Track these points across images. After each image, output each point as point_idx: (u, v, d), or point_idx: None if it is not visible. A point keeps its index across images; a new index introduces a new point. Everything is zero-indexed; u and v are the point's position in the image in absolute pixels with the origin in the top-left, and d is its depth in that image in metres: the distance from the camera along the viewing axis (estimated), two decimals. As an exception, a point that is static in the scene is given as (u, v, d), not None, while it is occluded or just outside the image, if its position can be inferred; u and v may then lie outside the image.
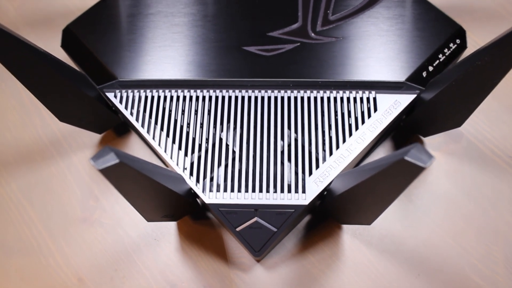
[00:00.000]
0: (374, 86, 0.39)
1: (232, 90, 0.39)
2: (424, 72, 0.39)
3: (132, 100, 0.39)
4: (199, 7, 0.42)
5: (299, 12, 0.42)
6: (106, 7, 0.43)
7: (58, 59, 0.35)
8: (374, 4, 0.42)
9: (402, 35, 0.41)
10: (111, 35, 0.41)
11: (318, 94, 0.39)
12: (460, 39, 0.41)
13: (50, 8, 0.51)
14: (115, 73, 0.40)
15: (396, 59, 0.39)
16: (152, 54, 0.40)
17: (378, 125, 0.38)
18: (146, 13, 0.42)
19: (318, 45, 0.40)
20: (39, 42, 0.49)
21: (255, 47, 0.40)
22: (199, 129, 0.38)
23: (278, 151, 0.37)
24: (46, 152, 0.44)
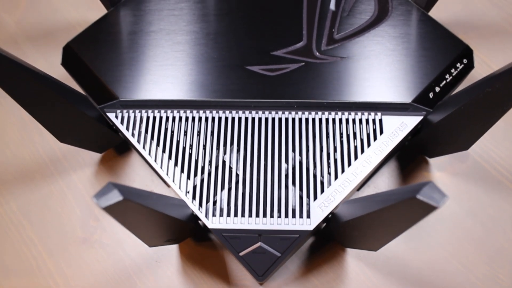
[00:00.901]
0: (380, 107, 0.38)
1: (236, 111, 0.38)
2: (430, 93, 0.39)
3: (134, 120, 0.38)
4: (201, 25, 0.42)
5: (303, 30, 0.41)
6: (107, 24, 0.42)
7: (57, 80, 0.35)
8: (380, 23, 0.41)
9: (408, 54, 0.40)
10: (112, 53, 0.41)
11: (323, 116, 0.38)
12: (467, 59, 0.40)
13: (51, 22, 0.50)
14: (116, 93, 0.39)
15: (402, 80, 0.39)
16: (154, 74, 0.40)
17: (384, 148, 0.37)
18: (148, 31, 0.41)
19: (323, 64, 0.39)
20: (39, 57, 0.48)
21: (258, 66, 0.39)
22: (201, 150, 0.38)
23: (282, 175, 0.37)
24: (46, 170, 0.44)
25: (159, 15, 0.42)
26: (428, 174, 0.42)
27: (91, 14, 0.47)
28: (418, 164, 0.43)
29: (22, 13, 0.51)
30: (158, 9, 0.43)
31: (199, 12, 0.42)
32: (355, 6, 0.42)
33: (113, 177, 0.43)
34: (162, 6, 0.43)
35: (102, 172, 0.43)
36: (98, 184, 0.43)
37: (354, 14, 0.42)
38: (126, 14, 0.42)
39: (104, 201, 0.23)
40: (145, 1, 0.43)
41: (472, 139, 0.36)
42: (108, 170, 0.43)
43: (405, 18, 0.42)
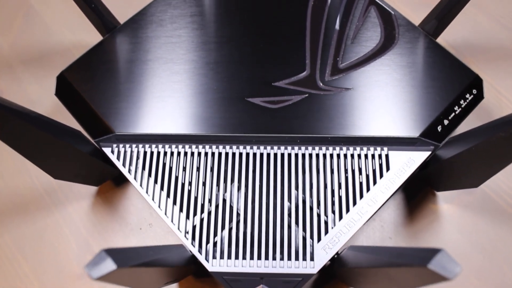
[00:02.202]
0: (386, 141, 0.37)
1: (236, 146, 0.37)
2: (439, 126, 0.37)
3: (130, 156, 0.37)
4: (200, 53, 0.40)
5: (306, 59, 0.39)
6: (102, 51, 0.41)
7: (49, 119, 0.33)
8: (386, 51, 0.40)
9: (415, 85, 0.38)
10: (108, 83, 0.39)
11: (327, 151, 0.37)
12: (477, 89, 0.39)
13: (45, 45, 0.49)
14: (112, 126, 0.37)
15: (409, 112, 0.37)
16: (151, 106, 0.38)
17: (390, 185, 0.36)
18: (144, 59, 0.40)
19: (327, 96, 0.38)
20: (33, 82, 0.47)
21: (260, 98, 0.38)
22: (201, 187, 0.36)
23: (285, 214, 0.35)
24: (41, 202, 0.42)
25: (156, 43, 0.41)
26: (435, 207, 0.41)
27: (86, 37, 0.45)
28: (425, 195, 0.41)
29: (16, 35, 0.49)
30: (155, 36, 0.41)
31: (198, 40, 0.41)
32: (361, 33, 0.41)
33: (109, 209, 0.42)
34: (159, 33, 0.41)
35: (99, 204, 0.42)
36: (95, 217, 0.42)
37: (359, 41, 0.40)
38: (122, 41, 0.41)
39: (97, 272, 0.22)
40: (141, 27, 0.41)
41: (482, 178, 0.35)
42: (105, 202, 0.42)
43: (413, 45, 0.40)
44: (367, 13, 0.42)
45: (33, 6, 0.51)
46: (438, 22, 0.40)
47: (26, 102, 0.46)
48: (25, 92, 0.46)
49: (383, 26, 0.41)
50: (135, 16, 0.42)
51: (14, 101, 0.45)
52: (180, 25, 0.41)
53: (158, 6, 0.42)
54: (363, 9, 0.42)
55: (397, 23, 0.41)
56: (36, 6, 0.50)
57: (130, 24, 0.42)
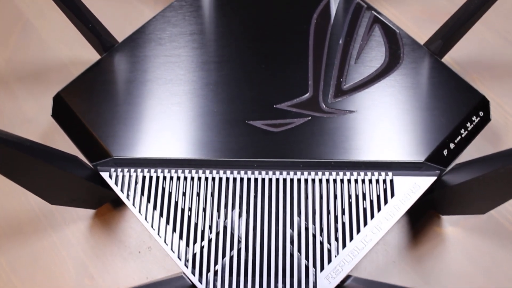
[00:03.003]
0: (391, 166, 0.36)
1: (237, 171, 0.36)
2: (445, 151, 0.36)
3: (129, 180, 0.36)
4: (200, 74, 0.39)
5: (309, 80, 0.38)
6: (100, 71, 0.40)
7: (44, 147, 0.33)
8: (391, 71, 0.39)
9: (421, 107, 0.37)
10: (106, 105, 0.38)
11: (331, 176, 0.36)
12: (484, 111, 0.38)
13: (42, 60, 0.48)
14: (110, 150, 0.37)
15: (414, 136, 0.36)
16: (150, 129, 0.37)
17: (395, 212, 0.35)
18: (143, 80, 0.39)
19: (330, 119, 0.37)
20: (30, 99, 0.46)
21: (261, 121, 0.37)
22: (201, 213, 0.35)
23: (287, 242, 0.34)
24: (38, 224, 0.41)
25: (155, 62, 0.40)
26: (440, 229, 0.40)
27: (84, 52, 0.44)
28: (430, 218, 0.41)
29: (12, 51, 0.48)
30: (154, 55, 0.40)
31: (198, 59, 0.40)
32: (365, 52, 0.40)
33: (108, 232, 0.41)
34: (158, 52, 0.40)
35: (97, 226, 0.41)
36: (92, 239, 0.41)
37: (363, 61, 0.39)
38: (120, 60, 0.40)
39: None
40: (139, 46, 0.40)
41: (490, 206, 0.34)
42: (103, 225, 0.41)
43: (418, 65, 0.39)
44: (371, 32, 0.41)
45: (30, 20, 0.50)
46: (444, 42, 0.39)
47: (22, 120, 0.45)
48: (21, 109, 0.45)
49: (388, 45, 0.40)
50: (133, 35, 0.41)
51: (10, 119, 0.45)
52: (180, 43, 0.40)
53: (157, 24, 0.41)
54: (367, 28, 0.41)
55: (402, 42, 0.40)
56: (33, 20, 0.49)
57: (128, 42, 0.41)
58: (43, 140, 0.44)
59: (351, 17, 0.41)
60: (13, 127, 0.44)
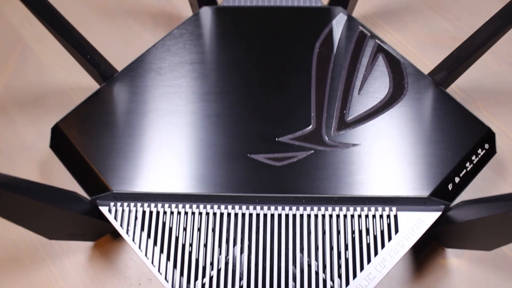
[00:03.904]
0: (395, 201, 0.35)
1: (239, 206, 0.35)
2: (450, 185, 0.36)
3: (128, 215, 0.35)
4: (201, 105, 0.38)
5: (312, 112, 0.38)
6: (98, 102, 0.39)
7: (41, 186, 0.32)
8: (395, 102, 0.38)
9: (425, 140, 0.37)
10: (105, 137, 0.37)
11: (334, 212, 0.35)
12: (489, 144, 0.37)
13: (40, 86, 0.47)
14: (109, 184, 0.36)
15: (419, 169, 0.36)
16: (150, 162, 0.36)
17: (399, 249, 0.34)
18: (142, 111, 0.38)
19: (333, 153, 0.36)
20: (28, 126, 0.45)
21: (263, 155, 0.36)
22: (202, 249, 0.35)
23: (289, 279, 0.34)
24: (36, 255, 0.41)
25: (154, 93, 0.39)
26: (445, 261, 0.40)
27: (82, 77, 0.43)
28: (434, 249, 0.40)
29: (11, 76, 0.48)
30: (154, 85, 0.39)
31: (199, 90, 0.39)
32: (368, 83, 0.39)
33: (107, 263, 0.40)
34: (158, 82, 0.39)
35: (96, 257, 0.41)
36: (92, 270, 0.40)
37: (367, 92, 0.39)
38: (119, 91, 0.39)
39: None
40: (139, 75, 0.40)
41: (496, 244, 0.33)
42: (102, 256, 0.41)
43: (422, 96, 0.39)
44: (375, 61, 0.40)
45: (28, 44, 0.49)
46: (449, 73, 0.38)
47: (20, 147, 0.44)
48: (19, 136, 0.45)
49: (392, 75, 0.39)
50: (132, 64, 0.40)
51: (8, 146, 0.44)
52: (180, 73, 0.40)
53: (157, 53, 0.41)
54: (371, 57, 0.40)
55: (406, 72, 0.40)
56: (31, 44, 0.49)
57: (127, 72, 0.40)
58: (41, 168, 0.43)
59: (355, 46, 0.41)
60: (11, 154, 0.44)
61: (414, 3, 0.50)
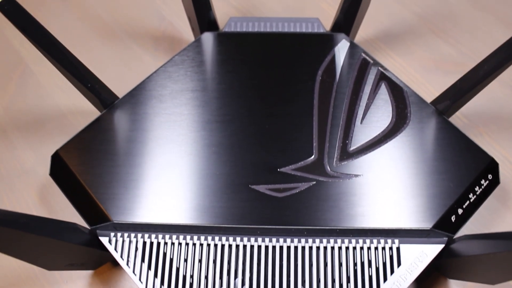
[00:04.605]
0: (397, 233, 0.35)
1: (240, 237, 0.35)
2: (453, 216, 0.35)
3: (129, 246, 0.35)
4: (203, 134, 0.38)
5: (314, 142, 0.38)
6: (99, 130, 0.39)
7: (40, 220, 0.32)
8: (398, 132, 0.38)
9: (428, 171, 0.37)
10: (105, 165, 0.37)
11: (336, 244, 0.35)
12: (493, 174, 0.37)
13: (41, 109, 0.47)
14: (109, 214, 0.36)
15: (422, 201, 0.35)
16: (150, 192, 0.36)
17: (402, 282, 0.34)
18: (143, 140, 0.38)
19: (335, 184, 0.36)
20: (28, 149, 0.45)
21: (265, 186, 0.36)
22: (203, 281, 0.34)
23: (291, 313, 0.33)
24: (36, 282, 0.40)
25: (155, 121, 0.39)
26: (447, 292, 0.39)
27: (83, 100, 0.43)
28: (436, 279, 0.40)
29: (11, 98, 0.47)
30: (155, 113, 0.39)
31: (200, 118, 0.39)
32: (371, 112, 0.39)
33: (107, 291, 0.40)
34: (159, 110, 0.39)
35: (96, 285, 0.40)
36: (91, 299, 0.40)
37: (369, 121, 0.38)
38: (119, 118, 0.39)
39: None
40: (140, 103, 0.40)
41: (501, 279, 0.33)
42: (102, 283, 0.40)
43: (425, 125, 0.38)
44: (378, 89, 0.40)
45: (29, 65, 0.49)
46: (452, 103, 0.38)
47: (20, 171, 0.44)
48: (19, 160, 0.44)
49: (395, 104, 0.39)
50: (133, 91, 0.40)
51: (7, 169, 0.44)
52: (181, 101, 0.40)
53: (158, 80, 0.41)
54: (373, 85, 0.40)
55: (409, 100, 0.39)
56: (32, 66, 0.49)
57: (128, 99, 0.40)
58: (41, 193, 0.43)
59: (357, 74, 0.40)
60: (11, 178, 0.44)
61: (416, 26, 0.50)
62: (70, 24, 0.52)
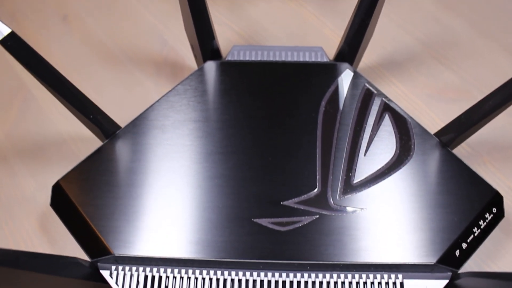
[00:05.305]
0: (401, 268, 0.35)
1: (242, 272, 0.35)
2: (457, 251, 0.35)
3: (130, 280, 0.35)
4: (205, 165, 0.38)
5: (317, 175, 0.37)
6: (100, 160, 0.38)
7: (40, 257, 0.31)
8: (402, 164, 0.38)
9: (432, 204, 0.36)
10: (107, 197, 0.37)
11: (339, 279, 0.34)
12: (497, 207, 0.37)
13: (42, 135, 0.46)
14: (110, 247, 0.35)
15: (426, 235, 0.35)
16: (152, 225, 0.36)
17: (405, 319, 0.34)
18: (145, 171, 0.38)
19: (338, 218, 0.36)
20: (28, 177, 0.45)
21: (267, 219, 0.36)
22: (205, 316, 0.34)
23: None
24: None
25: (157, 152, 0.39)
26: (451, 324, 0.39)
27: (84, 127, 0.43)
28: (440, 311, 0.39)
29: (12, 123, 0.47)
30: (157, 143, 0.39)
31: (202, 150, 0.39)
32: (375, 144, 0.39)
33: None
34: (161, 141, 0.39)
35: (96, 316, 0.40)
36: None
37: (373, 154, 0.38)
38: (121, 149, 0.39)
39: None
40: (142, 133, 0.39)
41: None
42: (102, 314, 0.40)
43: (429, 157, 0.38)
44: (382, 121, 0.40)
45: (31, 91, 0.49)
46: (456, 136, 0.38)
47: (20, 198, 0.44)
48: (19, 187, 0.44)
49: (399, 135, 0.39)
50: (135, 120, 0.40)
51: (7, 197, 0.44)
52: (184, 131, 0.39)
53: (160, 110, 0.40)
54: (377, 116, 0.40)
55: (413, 132, 0.39)
56: (34, 91, 0.48)
57: (130, 129, 0.40)
58: (41, 221, 0.42)
59: (361, 105, 0.40)
60: (11, 205, 0.43)
61: (419, 53, 0.50)
62: (71, 48, 0.52)
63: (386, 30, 0.51)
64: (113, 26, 0.53)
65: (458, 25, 0.52)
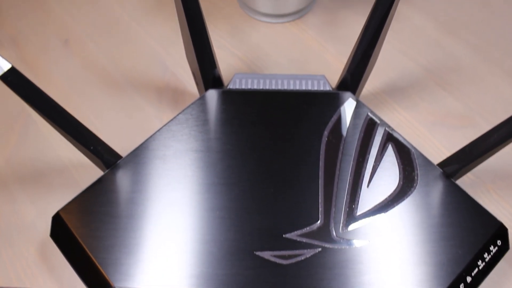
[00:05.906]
0: (406, 303, 0.34)
1: (244, 307, 0.34)
2: (461, 285, 0.35)
3: (130, 315, 0.34)
4: (207, 197, 0.38)
5: (320, 207, 0.37)
6: (101, 191, 0.38)
7: None
8: (405, 196, 0.37)
9: (436, 238, 0.36)
10: (107, 229, 0.36)
11: (342, 314, 0.34)
12: (502, 240, 0.36)
13: (42, 161, 0.46)
14: (111, 279, 0.35)
15: (430, 269, 0.35)
16: (153, 257, 0.35)
17: None
18: (146, 202, 0.37)
19: (341, 251, 0.35)
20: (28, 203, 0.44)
21: (270, 252, 0.35)
22: None
23: None
24: None
25: (158, 182, 0.38)
26: None
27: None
28: None
29: (13, 149, 0.47)
30: (158, 174, 0.39)
31: (204, 181, 0.38)
32: (378, 175, 0.38)
33: None
34: (162, 171, 0.39)
35: None
36: None
37: (376, 185, 0.38)
38: (122, 179, 0.39)
39: None
40: (143, 163, 0.39)
41: None
42: None
43: (432, 189, 0.38)
44: (385, 151, 0.39)
45: (31, 115, 0.48)
46: (460, 167, 0.37)
47: (20, 226, 0.43)
48: (19, 214, 0.44)
49: (402, 166, 0.39)
50: (136, 150, 0.40)
51: (7, 224, 0.43)
52: (185, 161, 0.39)
53: (161, 139, 0.40)
54: (380, 147, 0.39)
55: (416, 162, 0.39)
56: (34, 116, 0.48)
57: (131, 158, 0.39)
58: (41, 249, 0.42)
59: (364, 135, 0.40)
60: (10, 233, 0.43)
61: (421, 79, 0.50)
62: (72, 72, 0.52)
63: (389, 57, 0.51)
64: (114, 51, 0.53)
65: (461, 50, 0.52)
